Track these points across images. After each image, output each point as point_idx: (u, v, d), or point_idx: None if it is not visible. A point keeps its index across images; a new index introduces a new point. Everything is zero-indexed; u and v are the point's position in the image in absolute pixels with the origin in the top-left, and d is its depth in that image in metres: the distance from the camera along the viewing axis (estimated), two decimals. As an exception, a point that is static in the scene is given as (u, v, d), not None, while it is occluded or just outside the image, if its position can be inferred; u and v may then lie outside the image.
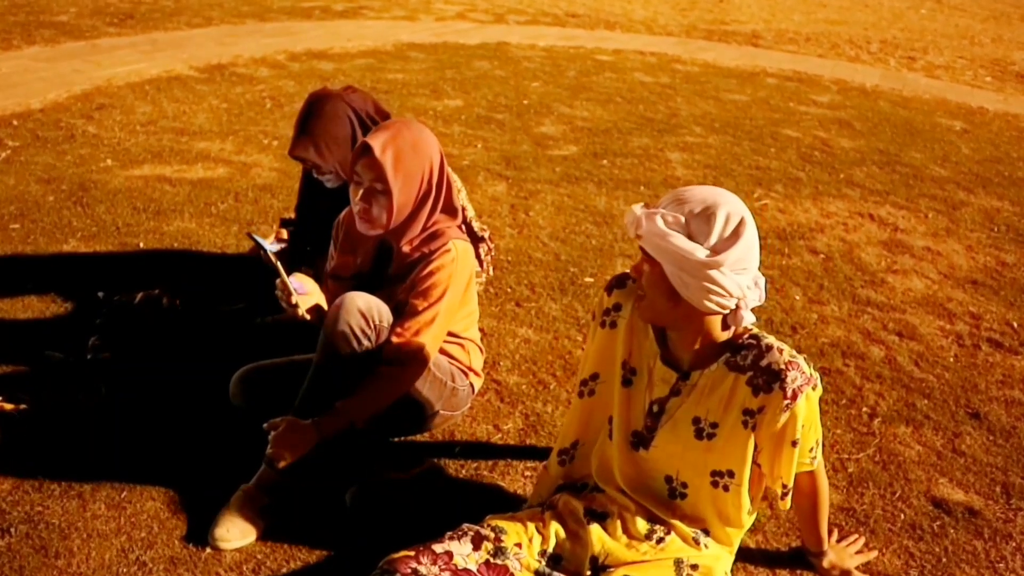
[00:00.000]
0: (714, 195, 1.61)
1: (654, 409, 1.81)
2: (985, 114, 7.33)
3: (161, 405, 2.49)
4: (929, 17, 14.50)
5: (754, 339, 1.73)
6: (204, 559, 1.97)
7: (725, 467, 1.79)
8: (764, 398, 1.69)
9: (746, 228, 1.59)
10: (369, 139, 2.11)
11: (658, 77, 7.65)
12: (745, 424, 1.73)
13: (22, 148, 4.56)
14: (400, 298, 2.23)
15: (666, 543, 1.81)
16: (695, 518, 1.85)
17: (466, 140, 5.31)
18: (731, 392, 1.73)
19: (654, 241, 1.59)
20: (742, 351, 1.72)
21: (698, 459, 1.79)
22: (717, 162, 5.25)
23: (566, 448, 1.99)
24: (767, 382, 1.68)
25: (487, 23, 10.00)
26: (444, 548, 1.69)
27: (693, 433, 1.77)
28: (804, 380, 1.68)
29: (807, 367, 1.70)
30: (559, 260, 3.69)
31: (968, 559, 2.17)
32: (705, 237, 1.58)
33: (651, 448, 1.82)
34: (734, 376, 1.72)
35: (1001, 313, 3.57)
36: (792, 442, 1.72)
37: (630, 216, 1.63)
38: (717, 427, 1.75)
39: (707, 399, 1.75)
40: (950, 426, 2.74)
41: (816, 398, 1.72)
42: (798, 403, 1.67)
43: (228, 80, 6.35)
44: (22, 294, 3.04)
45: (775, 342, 1.72)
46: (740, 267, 1.59)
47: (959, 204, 4.86)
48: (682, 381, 1.77)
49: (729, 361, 1.73)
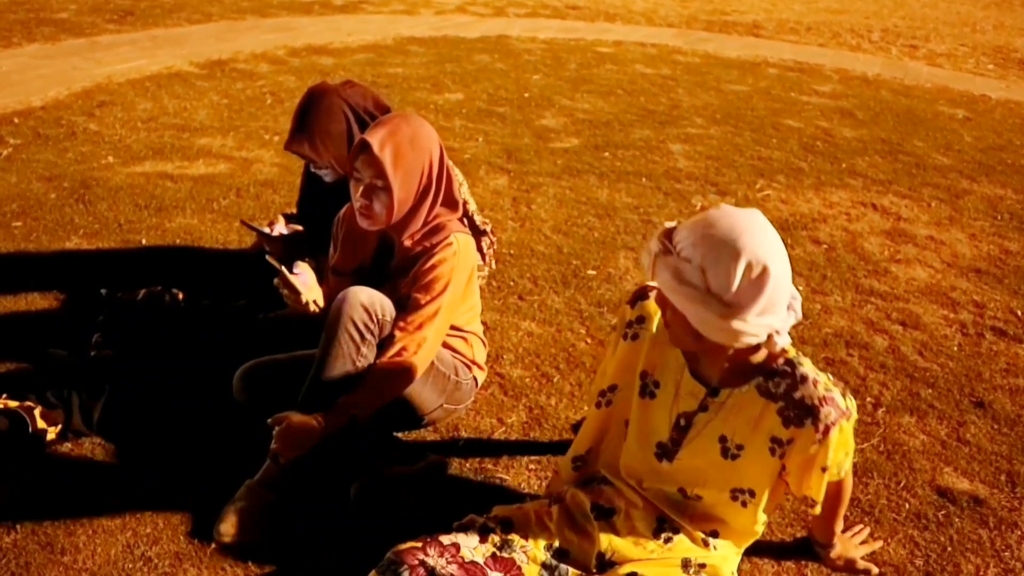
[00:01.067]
0: (736, 237, 1.47)
1: (681, 423, 1.75)
2: (987, 102, 7.30)
3: (164, 402, 2.49)
4: (930, 5, 14.44)
5: (789, 366, 1.64)
6: (209, 554, 1.97)
7: (747, 486, 1.75)
8: (795, 431, 1.63)
9: (770, 277, 1.47)
10: (367, 136, 2.10)
11: (659, 68, 7.63)
12: (772, 452, 1.67)
13: (23, 146, 4.56)
14: (402, 292, 2.22)
15: (674, 542, 1.79)
16: (707, 519, 1.83)
17: (467, 134, 5.30)
18: (760, 417, 1.66)
19: (669, 288, 1.51)
20: (775, 377, 1.64)
21: (720, 476, 1.75)
22: (719, 153, 5.24)
23: (581, 455, 1.97)
24: (799, 416, 1.61)
25: (487, 16, 9.98)
26: (451, 540, 1.69)
27: (719, 451, 1.72)
28: (838, 414, 1.61)
29: (842, 400, 1.62)
30: (561, 253, 3.69)
31: (973, 548, 2.16)
32: (725, 289, 1.47)
33: (675, 460, 1.77)
34: (764, 402, 1.65)
35: (1005, 301, 3.56)
36: (822, 468, 1.67)
37: (646, 258, 1.56)
38: (743, 449, 1.70)
39: (734, 418, 1.69)
40: (954, 415, 2.74)
41: (851, 427, 1.65)
42: (831, 436, 1.61)
43: (228, 76, 6.35)
44: (24, 291, 3.05)
45: (811, 371, 1.63)
46: (766, 313, 1.51)
47: (962, 193, 4.84)
48: (710, 397, 1.71)
49: (761, 386, 1.65)
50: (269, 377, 2.34)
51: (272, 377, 2.34)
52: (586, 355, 2.90)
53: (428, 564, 1.61)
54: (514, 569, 1.68)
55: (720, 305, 1.47)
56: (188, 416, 2.44)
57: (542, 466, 2.36)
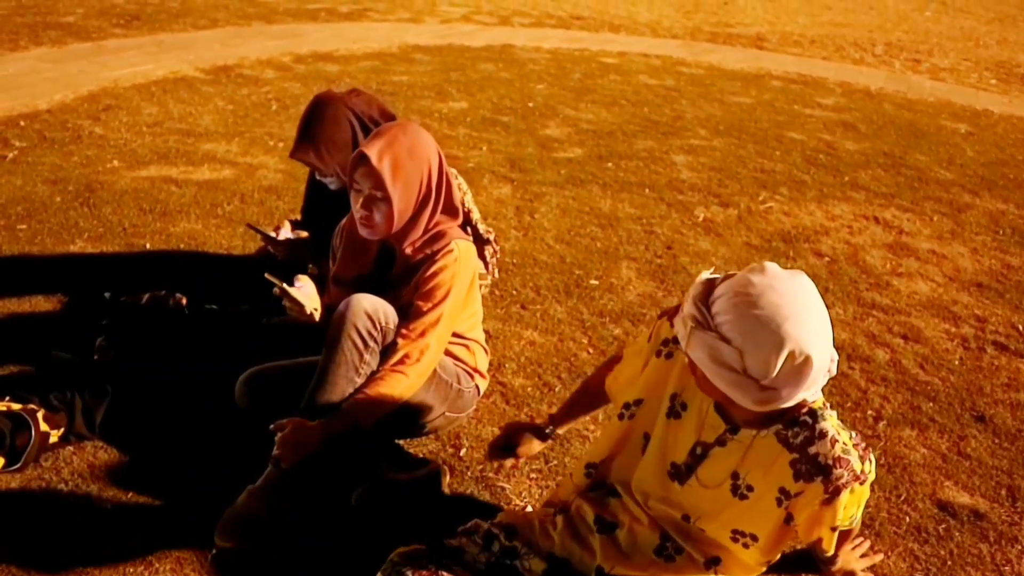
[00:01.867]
0: (781, 323, 1.39)
1: (698, 451, 1.72)
2: (990, 116, 7.32)
3: (167, 406, 2.50)
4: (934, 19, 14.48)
5: (811, 416, 1.58)
6: (211, 559, 1.98)
7: (750, 530, 1.71)
8: (804, 486, 1.57)
9: (812, 366, 1.41)
10: (365, 147, 2.10)
11: (663, 80, 7.65)
12: (779, 503, 1.63)
13: (29, 149, 4.58)
14: (404, 300, 2.23)
15: (675, 562, 1.77)
16: (710, 546, 1.78)
17: (471, 142, 5.31)
18: (773, 464, 1.62)
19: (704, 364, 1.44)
20: (795, 427, 1.58)
21: (725, 513, 1.71)
22: (722, 164, 5.25)
23: (595, 463, 1.93)
24: (810, 472, 1.56)
25: (492, 25, 10.01)
26: (454, 544, 1.69)
27: (730, 487, 1.68)
28: (851, 477, 1.54)
29: (858, 464, 1.55)
30: (564, 263, 3.69)
31: (974, 562, 2.17)
32: (763, 376, 1.41)
33: (686, 485, 1.75)
34: (780, 449, 1.60)
35: (1006, 316, 3.57)
36: (831, 527, 1.62)
37: (681, 327, 1.47)
38: (752, 491, 1.66)
39: (749, 460, 1.65)
40: (955, 429, 2.74)
41: (864, 490, 1.59)
42: (839, 498, 1.55)
43: (234, 82, 6.37)
44: (29, 294, 3.05)
45: (831, 427, 1.56)
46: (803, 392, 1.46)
47: (964, 207, 4.85)
48: (730, 434, 1.67)
49: (780, 433, 1.60)
50: (271, 383, 2.34)
51: (274, 383, 2.34)
52: (588, 365, 2.91)
53: (430, 568, 1.61)
54: (514, 576, 1.69)
55: (756, 389, 1.43)
56: (190, 420, 2.45)
57: (543, 475, 2.36)
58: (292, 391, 2.19)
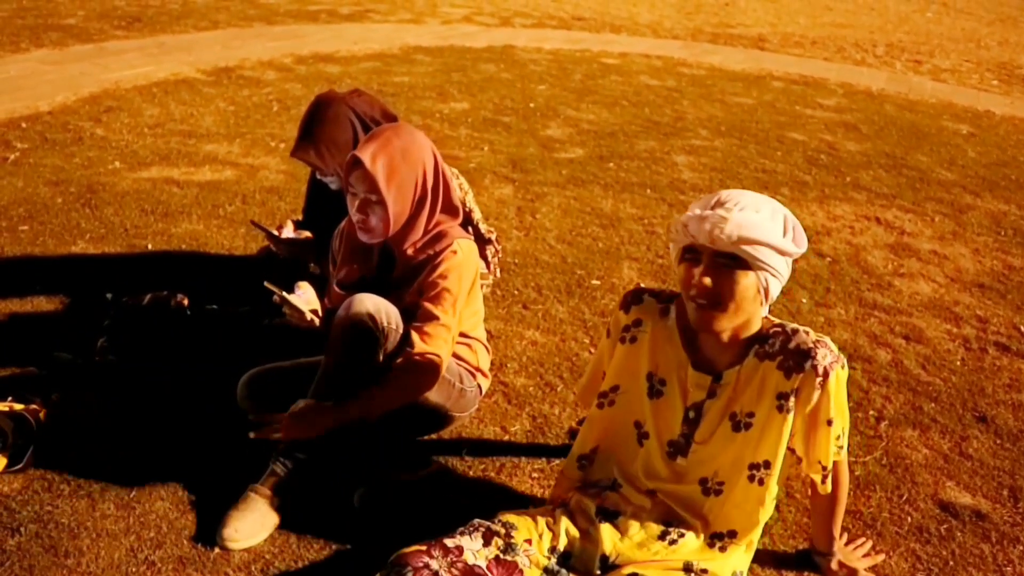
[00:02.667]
0: (755, 196, 1.67)
1: (690, 415, 1.83)
2: (992, 117, 7.32)
3: (169, 406, 2.50)
4: (935, 20, 14.48)
5: (779, 327, 1.78)
6: (213, 559, 1.97)
7: (761, 458, 1.81)
8: (796, 378, 1.73)
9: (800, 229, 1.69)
10: (358, 151, 2.11)
11: (664, 80, 7.65)
12: (780, 408, 1.76)
13: (31, 150, 4.58)
14: (407, 301, 2.23)
15: (679, 544, 1.81)
16: (720, 517, 1.85)
17: (473, 143, 5.32)
18: (763, 380, 1.76)
19: (744, 236, 1.60)
20: (769, 340, 1.77)
21: (736, 453, 1.81)
22: (723, 165, 5.25)
23: (585, 454, 1.99)
24: (798, 362, 1.73)
25: (493, 26, 10.02)
26: (455, 543, 1.70)
27: (730, 427, 1.80)
28: (833, 358, 1.73)
29: (833, 346, 1.75)
30: (566, 263, 3.70)
31: (975, 563, 2.16)
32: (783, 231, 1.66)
33: (689, 454, 1.84)
34: (764, 364, 1.76)
35: (1008, 317, 3.57)
36: (827, 421, 1.76)
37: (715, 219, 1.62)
38: (753, 416, 1.79)
39: (741, 393, 1.79)
40: (957, 429, 2.74)
41: (844, 377, 1.76)
42: (830, 380, 1.72)
43: (235, 83, 6.37)
44: (31, 295, 3.06)
45: (799, 327, 1.78)
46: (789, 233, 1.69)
47: (966, 207, 4.85)
48: (716, 383, 1.80)
49: (759, 352, 1.77)
50: (273, 384, 2.34)
51: (276, 384, 2.34)
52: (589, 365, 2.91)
53: (432, 567, 1.61)
54: (516, 572, 1.69)
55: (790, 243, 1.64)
56: (192, 421, 2.45)
57: (545, 474, 2.36)
58: (294, 392, 2.19)
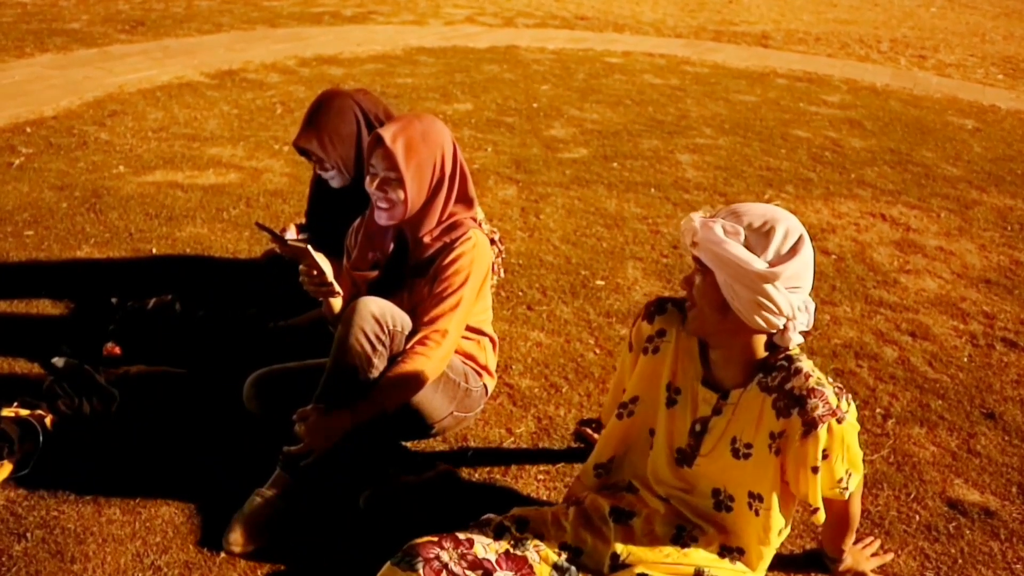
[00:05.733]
0: (773, 211, 1.62)
1: (696, 428, 1.81)
2: (997, 112, 7.29)
3: (174, 410, 2.50)
4: (939, 15, 14.43)
5: (787, 360, 1.70)
6: (218, 563, 1.97)
7: (757, 490, 1.77)
8: (784, 422, 1.67)
9: (804, 246, 1.60)
10: (381, 131, 2.17)
11: (667, 79, 7.64)
12: (770, 448, 1.71)
13: (35, 155, 4.59)
14: (422, 291, 2.25)
15: (691, 549, 1.79)
16: (734, 533, 1.82)
17: (476, 144, 5.31)
18: (760, 413, 1.71)
19: (711, 249, 1.59)
20: (773, 372, 1.70)
21: (737, 477, 1.78)
22: (728, 163, 5.24)
23: (603, 463, 1.98)
24: (787, 406, 1.66)
25: (496, 27, 10.01)
26: (466, 535, 1.70)
27: (731, 452, 1.76)
28: (826, 411, 1.63)
29: (833, 399, 1.65)
30: (570, 263, 3.69)
31: (984, 560, 2.15)
32: (763, 250, 1.58)
33: (695, 466, 1.82)
34: (764, 396, 1.70)
35: (1015, 312, 3.55)
36: (812, 468, 1.68)
37: (687, 223, 1.63)
38: (752, 448, 1.74)
39: (742, 419, 1.74)
40: (965, 426, 2.73)
41: (844, 431, 1.66)
42: (817, 432, 1.63)
43: (239, 86, 6.38)
44: (36, 300, 3.06)
45: (806, 366, 1.68)
46: (794, 284, 1.60)
47: (972, 203, 4.83)
48: (722, 401, 1.77)
49: (761, 381, 1.71)
50: (280, 386, 2.35)
51: (283, 386, 2.34)
52: (595, 365, 2.90)
53: (442, 558, 1.62)
54: (525, 568, 1.69)
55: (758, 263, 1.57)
56: (198, 424, 2.45)
57: (550, 476, 2.36)
58: (300, 393, 2.19)
